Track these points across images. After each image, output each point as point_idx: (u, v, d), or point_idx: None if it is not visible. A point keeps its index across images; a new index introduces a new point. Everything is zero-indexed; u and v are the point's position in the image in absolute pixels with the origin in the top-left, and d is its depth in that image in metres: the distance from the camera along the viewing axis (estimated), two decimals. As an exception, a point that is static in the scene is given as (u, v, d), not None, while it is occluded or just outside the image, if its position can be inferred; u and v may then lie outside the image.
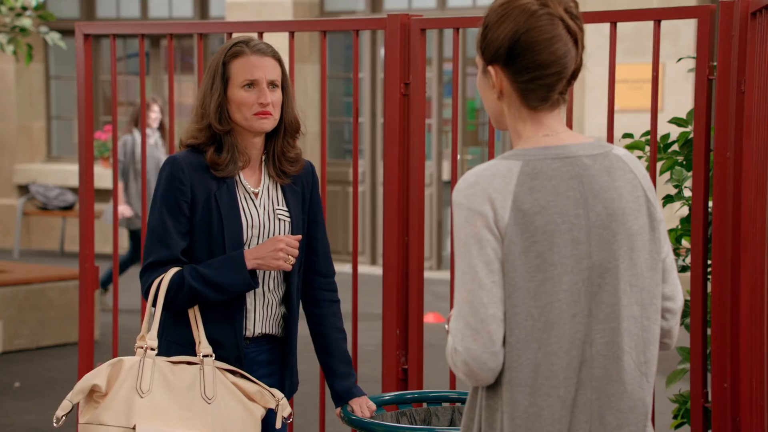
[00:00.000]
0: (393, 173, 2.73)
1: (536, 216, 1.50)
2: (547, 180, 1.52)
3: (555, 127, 1.56)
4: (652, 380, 1.57)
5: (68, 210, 9.14)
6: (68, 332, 5.93)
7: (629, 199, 1.56)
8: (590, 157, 1.55)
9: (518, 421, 1.51)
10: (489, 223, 1.49)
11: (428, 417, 2.26)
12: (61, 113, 9.79)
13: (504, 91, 1.55)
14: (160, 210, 2.07)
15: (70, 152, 9.64)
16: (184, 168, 2.07)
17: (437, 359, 3.44)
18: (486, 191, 1.50)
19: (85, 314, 3.06)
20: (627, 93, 7.02)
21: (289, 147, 2.14)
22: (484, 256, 1.49)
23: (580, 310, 1.52)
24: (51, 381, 5.19)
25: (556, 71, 1.52)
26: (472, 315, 1.49)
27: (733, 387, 2.34)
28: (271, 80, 2.10)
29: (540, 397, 1.51)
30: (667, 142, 2.68)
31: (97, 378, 1.97)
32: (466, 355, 1.49)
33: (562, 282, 1.50)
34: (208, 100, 2.10)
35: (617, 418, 1.53)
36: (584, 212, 1.53)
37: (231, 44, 2.12)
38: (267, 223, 2.12)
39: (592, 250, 1.53)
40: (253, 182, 2.14)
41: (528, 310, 1.50)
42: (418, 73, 2.72)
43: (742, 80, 2.32)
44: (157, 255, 2.07)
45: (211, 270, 2.05)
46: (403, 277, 2.71)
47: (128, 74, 9.57)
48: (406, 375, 2.72)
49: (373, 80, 8.34)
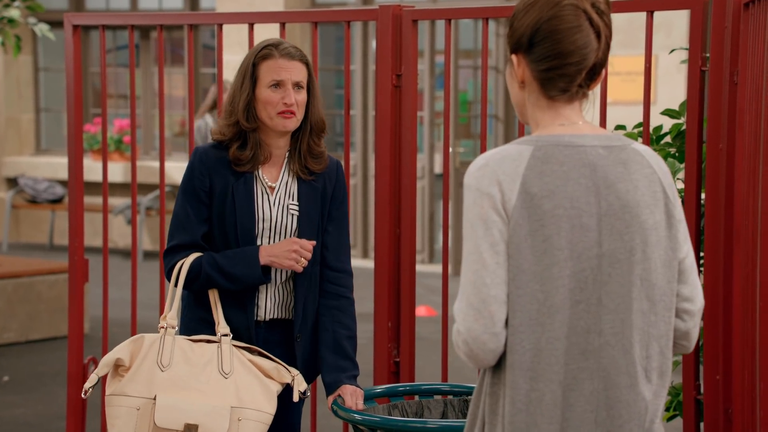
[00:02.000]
0: (385, 166, 2.71)
1: (544, 200, 1.50)
2: (558, 165, 1.52)
3: (572, 118, 1.57)
4: (653, 377, 1.56)
5: (57, 203, 9.09)
6: (58, 326, 5.90)
7: (645, 193, 1.56)
8: (606, 148, 1.55)
9: (519, 404, 1.51)
10: (496, 204, 1.50)
11: (420, 410, 2.26)
12: (50, 105, 9.73)
13: (525, 80, 1.57)
14: (182, 197, 2.23)
15: (59, 145, 9.58)
16: (204, 159, 2.21)
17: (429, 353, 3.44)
18: (495, 173, 1.51)
19: (75, 307, 3.04)
20: (619, 85, 7.02)
21: (314, 145, 2.26)
22: (489, 237, 1.50)
23: (587, 298, 1.51)
24: (40, 375, 5.16)
25: (576, 61, 1.53)
26: (474, 295, 1.49)
27: (725, 379, 2.34)
28: (297, 81, 2.22)
29: (542, 382, 1.50)
30: (659, 134, 2.68)
31: (121, 353, 2.11)
32: (467, 335, 1.50)
33: (568, 267, 1.50)
34: (237, 98, 2.22)
35: (627, 411, 1.53)
36: (595, 200, 1.52)
37: (261, 47, 2.24)
38: (279, 217, 2.23)
39: (603, 239, 1.52)
40: (272, 177, 2.25)
41: (533, 294, 1.50)
42: (410, 64, 2.70)
43: (735, 71, 2.32)
44: (179, 239, 2.22)
45: (227, 261, 2.20)
46: (394, 270, 2.70)
47: (118, 66, 9.52)
48: (397, 368, 2.72)
49: (364, 73, 8.31)
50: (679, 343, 1.64)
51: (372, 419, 2.08)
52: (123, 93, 9.58)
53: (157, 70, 9.07)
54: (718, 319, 2.35)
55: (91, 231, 7.72)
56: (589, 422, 1.52)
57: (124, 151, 8.99)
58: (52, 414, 4.46)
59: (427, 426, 2.04)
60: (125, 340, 2.17)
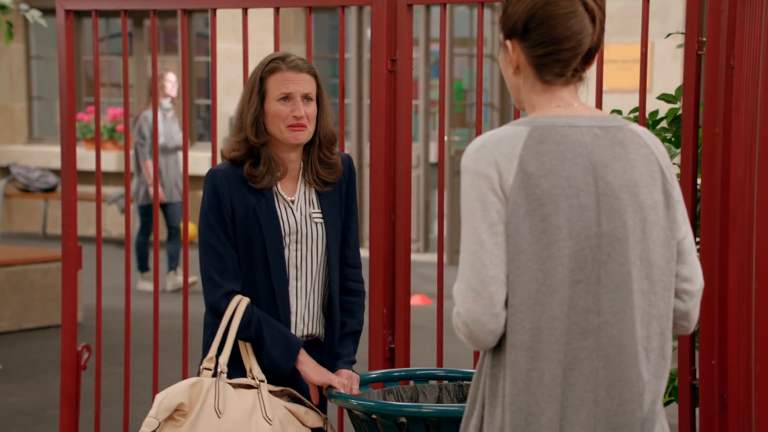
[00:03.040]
0: (380, 153, 2.69)
1: (542, 179, 1.50)
2: (555, 145, 1.52)
3: (568, 100, 1.57)
4: (653, 357, 1.57)
5: (50, 192, 9.06)
6: (51, 314, 5.88)
7: (643, 173, 1.55)
8: (603, 129, 1.55)
9: (520, 384, 1.51)
10: (494, 185, 1.50)
11: (415, 395, 2.25)
12: (42, 94, 9.68)
13: (520, 66, 1.57)
14: (209, 222, 2.19)
15: (51, 134, 9.54)
16: (224, 181, 2.18)
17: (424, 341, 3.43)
18: (492, 154, 1.51)
19: (69, 295, 3.02)
20: (615, 73, 7.01)
21: (325, 157, 2.24)
22: (487, 218, 1.49)
23: (586, 277, 1.51)
24: (33, 364, 5.14)
25: (571, 47, 1.53)
26: (473, 276, 1.49)
27: (720, 364, 2.34)
28: (306, 93, 2.20)
29: (542, 362, 1.50)
30: (655, 119, 2.67)
31: (182, 397, 2.11)
32: (467, 316, 1.50)
33: (566, 247, 1.50)
34: (245, 113, 2.20)
35: (628, 390, 1.54)
36: (593, 180, 1.52)
37: (268, 60, 2.22)
38: (304, 228, 2.23)
39: (602, 218, 1.52)
40: (289, 191, 2.24)
41: (532, 273, 1.49)
42: (404, 49, 2.68)
43: (732, 55, 2.31)
44: (216, 266, 2.19)
45: (270, 336, 2.17)
46: (389, 258, 2.69)
47: (111, 54, 9.47)
48: (392, 354, 2.71)
49: (359, 61, 8.28)
50: (680, 324, 1.64)
51: (367, 404, 2.07)
52: (116, 81, 9.53)
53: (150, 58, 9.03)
54: (714, 304, 2.35)
55: (85, 220, 7.69)
56: (588, 401, 1.52)
57: (117, 140, 8.95)
58: (45, 402, 4.45)
59: (422, 410, 2.03)
60: (182, 382, 2.13)
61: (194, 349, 2.88)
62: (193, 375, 2.21)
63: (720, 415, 2.34)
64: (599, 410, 1.52)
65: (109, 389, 4.12)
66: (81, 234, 3.14)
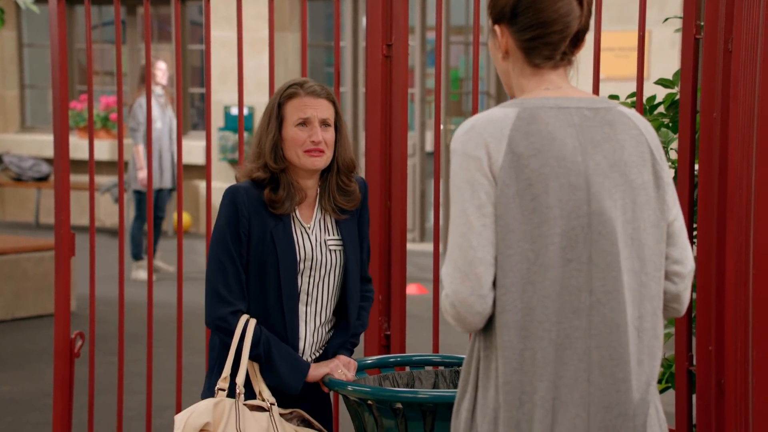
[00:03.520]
0: (375, 141, 2.67)
1: (531, 159, 1.51)
2: (543, 125, 1.52)
3: (557, 82, 1.58)
4: (646, 338, 1.57)
5: (43, 181, 9.01)
6: (44, 304, 5.85)
7: (632, 153, 1.56)
8: (591, 110, 1.56)
9: (513, 363, 1.51)
10: (483, 167, 1.50)
11: (411, 381, 2.24)
12: (34, 82, 9.62)
13: (509, 51, 1.59)
14: (224, 240, 2.17)
15: (44, 122, 9.49)
16: (245, 200, 2.17)
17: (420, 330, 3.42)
18: (481, 136, 1.52)
19: (62, 282, 3.00)
20: (613, 61, 6.99)
21: (343, 185, 2.24)
22: (476, 199, 1.50)
23: (578, 256, 1.51)
24: (26, 353, 5.12)
25: (559, 30, 1.54)
26: (461, 257, 1.50)
27: (718, 350, 2.33)
28: (324, 119, 2.20)
29: (534, 341, 1.51)
30: (653, 104, 2.65)
31: (208, 416, 2.10)
32: (454, 297, 1.50)
33: (557, 225, 1.50)
34: (264, 139, 2.20)
35: (621, 370, 1.54)
36: (582, 159, 1.53)
37: (286, 86, 2.23)
38: (319, 255, 2.22)
39: (592, 198, 1.53)
40: (306, 217, 2.23)
41: (524, 253, 1.50)
42: (400, 34, 2.66)
43: (730, 39, 2.29)
44: (224, 284, 2.17)
45: (279, 355, 2.16)
46: (385, 247, 2.67)
47: (104, 42, 9.41)
48: (388, 341, 2.70)
49: (354, 49, 8.24)
50: (671, 306, 1.64)
51: (363, 389, 2.06)
52: (109, 70, 9.48)
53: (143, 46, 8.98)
54: (711, 290, 2.34)
55: (78, 210, 7.65)
56: (582, 381, 1.52)
57: (110, 129, 8.91)
58: (39, 391, 4.44)
59: (418, 396, 2.01)
60: (204, 402, 2.12)
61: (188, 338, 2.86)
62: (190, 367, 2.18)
63: (717, 402, 2.33)
64: (593, 389, 1.52)
65: (102, 378, 4.10)
66: (74, 223, 3.11)
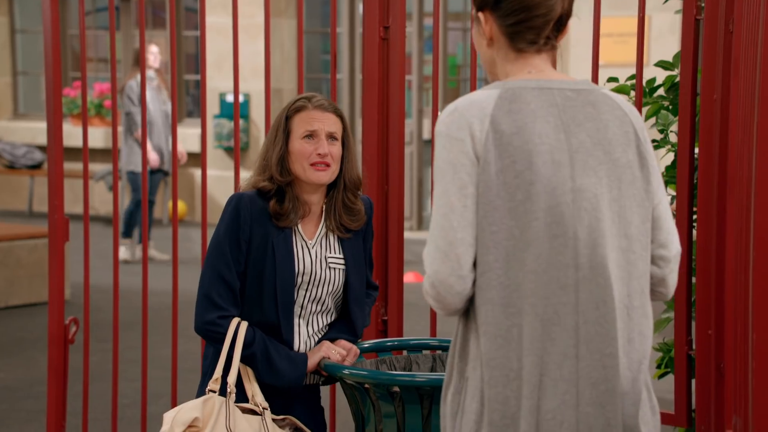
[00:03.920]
0: (372, 127, 2.64)
1: (514, 137, 1.52)
2: (525, 104, 1.54)
3: (540, 66, 1.60)
4: (636, 316, 1.57)
5: (36, 169, 8.96)
6: (38, 291, 5.82)
7: (616, 132, 1.57)
8: (574, 91, 1.58)
9: (498, 340, 1.52)
10: (466, 148, 1.52)
11: (408, 365, 2.22)
12: (27, 69, 9.56)
13: (494, 37, 1.60)
14: (221, 247, 2.15)
15: (37, 109, 9.42)
16: (248, 207, 2.16)
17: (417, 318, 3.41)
18: (463, 117, 1.54)
19: (56, 268, 2.96)
20: (612, 47, 6.96)
21: (349, 203, 2.22)
22: (457, 180, 1.51)
23: (563, 232, 1.52)
24: (20, 341, 5.10)
25: (542, 14, 1.57)
26: (442, 238, 1.51)
27: (717, 333, 2.32)
28: (331, 132, 2.19)
29: (521, 317, 1.51)
30: (652, 86, 2.63)
31: (197, 411, 2.08)
32: (434, 277, 1.52)
33: (542, 201, 1.52)
34: (270, 152, 2.20)
35: (608, 344, 1.54)
36: (565, 137, 1.54)
37: (294, 100, 2.23)
38: (318, 271, 2.20)
39: (576, 174, 1.54)
40: (309, 233, 2.22)
41: (508, 230, 1.51)
42: (397, 16, 2.62)
43: (731, 20, 2.27)
44: (218, 290, 2.15)
45: (275, 350, 2.14)
46: (382, 233, 2.65)
47: (98, 29, 9.34)
48: (385, 326, 2.68)
49: (351, 36, 8.19)
50: (657, 290, 1.65)
51: (360, 373, 2.04)
52: (103, 56, 9.41)
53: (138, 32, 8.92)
54: (711, 274, 2.32)
55: (72, 198, 7.61)
56: (570, 356, 1.53)
57: (104, 116, 8.86)
58: (33, 379, 4.42)
59: (415, 379, 2.00)
60: (195, 401, 2.11)
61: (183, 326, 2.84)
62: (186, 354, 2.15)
63: (716, 386, 2.32)
64: (581, 365, 1.53)
65: (97, 365, 4.08)
66: (68, 212, 3.08)
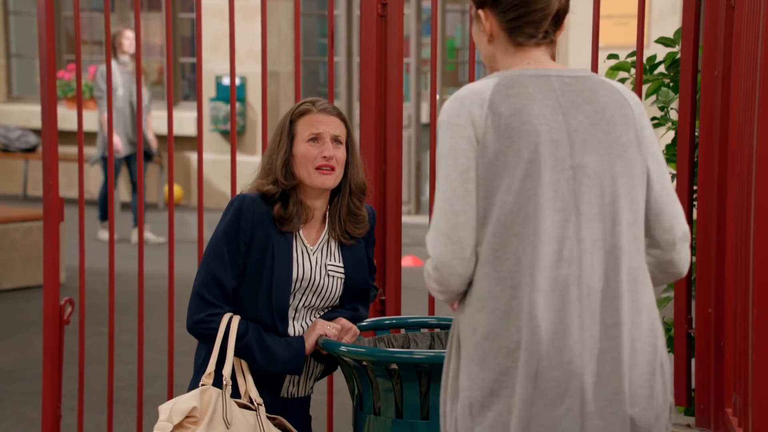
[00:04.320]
0: (370, 107, 2.62)
1: (512, 118, 1.59)
2: (523, 88, 1.61)
3: (539, 58, 1.66)
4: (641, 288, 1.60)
5: (31, 152, 8.90)
6: (32, 274, 5.79)
7: (615, 114, 1.63)
8: (572, 78, 1.64)
9: (498, 313, 1.55)
10: (466, 133, 1.58)
11: (406, 343, 2.21)
12: (21, 51, 9.49)
13: (494, 33, 1.67)
14: (219, 249, 2.14)
15: (31, 92, 9.36)
16: (251, 209, 2.14)
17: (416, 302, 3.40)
18: (463, 104, 1.60)
19: (51, 249, 2.94)
20: (611, 29, 6.92)
21: (354, 208, 2.21)
22: (459, 166, 1.58)
23: (564, 207, 1.58)
24: (14, 323, 5.08)
25: (540, 8, 1.64)
26: (444, 222, 1.57)
27: (717, 312, 2.31)
28: (335, 135, 2.18)
29: (522, 290, 1.55)
30: (653, 63, 2.61)
31: (195, 401, 2.08)
32: (438, 260, 1.57)
33: (541, 177, 1.57)
34: (274, 156, 2.18)
35: (612, 315, 1.57)
36: (563, 119, 1.61)
37: (298, 104, 2.23)
38: (317, 278, 2.19)
39: (575, 152, 1.60)
40: (312, 239, 2.20)
41: (508, 206, 1.57)
42: (395, -8, 2.59)
43: (733, -5, 2.24)
44: (212, 291, 2.14)
45: (271, 338, 2.13)
46: (380, 218, 2.63)
47: (92, 11, 9.27)
48: (383, 306, 2.67)
49: (348, 18, 8.14)
50: (669, 272, 1.69)
51: (357, 350, 2.02)
52: (98, 39, 9.34)
53: (133, 14, 8.84)
54: (711, 252, 2.31)
55: (67, 182, 7.57)
56: (575, 326, 1.56)
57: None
58: (27, 361, 4.40)
59: (413, 356, 1.98)
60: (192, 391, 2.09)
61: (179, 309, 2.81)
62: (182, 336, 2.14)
63: (716, 365, 2.31)
64: (586, 336, 1.56)
65: (92, 348, 4.06)
66: (63, 195, 3.05)
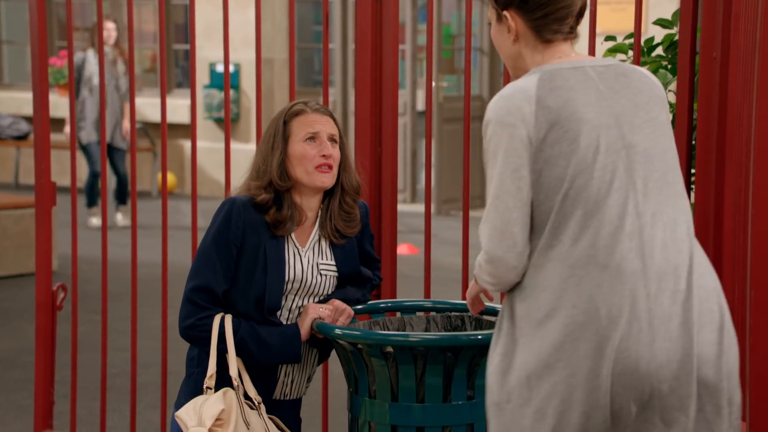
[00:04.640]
0: (365, 92, 2.59)
1: (561, 109, 1.67)
2: (564, 81, 1.70)
3: (567, 52, 1.76)
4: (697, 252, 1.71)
5: (22, 140, 8.85)
6: (24, 262, 5.76)
7: (651, 96, 1.73)
8: (604, 66, 1.74)
9: (557, 291, 1.62)
10: (517, 131, 1.65)
11: (402, 326, 2.19)
12: (12, 38, 9.43)
13: (519, 33, 1.75)
14: (210, 249, 2.13)
15: (23, 79, 9.30)
16: (241, 212, 2.13)
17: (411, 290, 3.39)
18: (511, 102, 1.67)
19: (43, 234, 2.91)
20: (609, 15, 6.91)
21: (347, 207, 2.21)
22: (510, 163, 1.65)
23: (621, 185, 1.66)
24: (6, 311, 5.06)
25: (566, 5, 1.73)
26: (498, 218, 1.66)
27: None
28: (331, 135, 2.19)
29: (581, 268, 1.62)
30: (651, 45, 2.59)
31: (222, 404, 2.08)
32: (491, 254, 1.66)
33: (597, 161, 1.65)
34: (269, 158, 2.17)
35: (676, 282, 1.65)
36: (608, 104, 1.70)
37: (290, 105, 2.23)
38: (309, 278, 2.18)
39: (625, 133, 1.68)
40: (302, 240, 2.19)
41: (565, 192, 1.65)
42: (391, -25, 2.56)
43: (732, -25, 2.22)
44: (202, 297, 2.13)
45: (266, 331, 2.12)
46: (376, 205, 2.61)
47: (83, -2, 9.21)
48: (379, 290, 2.65)
49: (343, 5, 8.09)
50: None
51: (352, 333, 2.01)
52: (90, 26, 9.28)
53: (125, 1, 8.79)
54: (709, 235, 2.30)
55: (58, 169, 7.52)
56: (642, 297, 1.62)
57: (91, 87, 8.74)
58: (20, 349, 4.38)
59: (409, 339, 1.96)
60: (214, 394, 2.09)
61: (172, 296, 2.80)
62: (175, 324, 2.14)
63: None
64: (653, 304, 1.63)
65: (85, 335, 4.04)
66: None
